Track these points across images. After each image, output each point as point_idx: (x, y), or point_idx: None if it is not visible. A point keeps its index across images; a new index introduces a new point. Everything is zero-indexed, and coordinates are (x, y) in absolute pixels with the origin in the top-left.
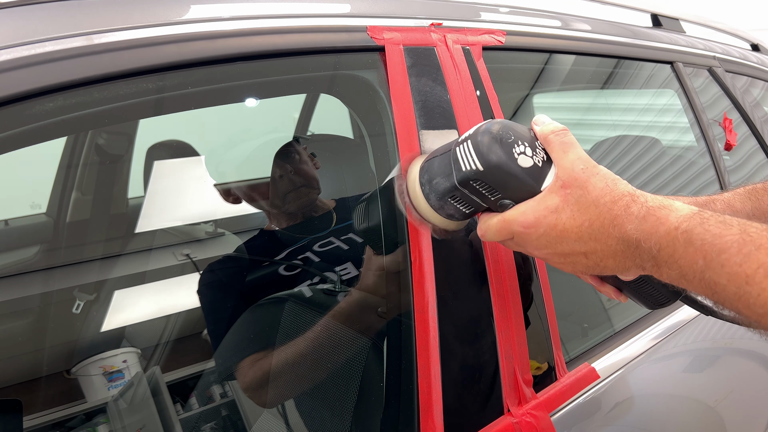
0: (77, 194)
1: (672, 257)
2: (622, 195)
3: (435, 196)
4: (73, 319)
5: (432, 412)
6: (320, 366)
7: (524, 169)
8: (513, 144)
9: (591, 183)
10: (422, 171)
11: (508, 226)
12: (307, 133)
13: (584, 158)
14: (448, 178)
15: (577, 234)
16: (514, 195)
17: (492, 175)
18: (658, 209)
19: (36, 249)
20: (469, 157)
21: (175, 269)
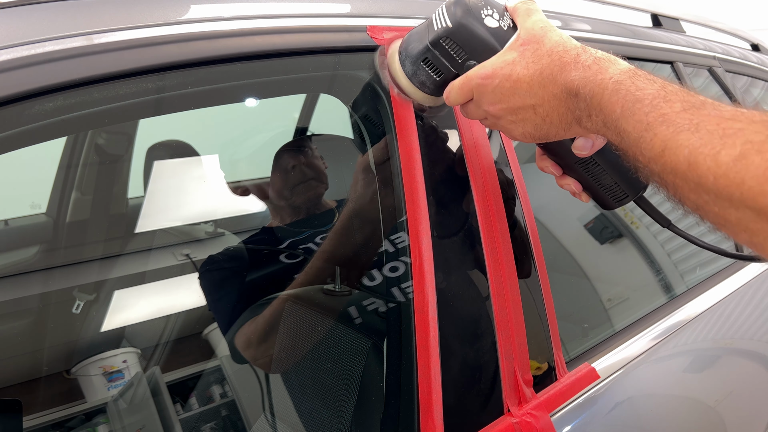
0: (77, 194)
1: (599, 105)
2: (574, 46)
3: (409, 61)
4: (72, 319)
5: (432, 412)
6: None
7: (489, 29)
8: (482, 7)
9: (547, 37)
10: (402, 42)
11: (468, 81)
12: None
13: (544, 20)
14: (421, 41)
15: (529, 83)
16: (479, 55)
17: (459, 32)
18: (603, 60)
19: (36, 249)
20: (441, 18)
21: (175, 269)
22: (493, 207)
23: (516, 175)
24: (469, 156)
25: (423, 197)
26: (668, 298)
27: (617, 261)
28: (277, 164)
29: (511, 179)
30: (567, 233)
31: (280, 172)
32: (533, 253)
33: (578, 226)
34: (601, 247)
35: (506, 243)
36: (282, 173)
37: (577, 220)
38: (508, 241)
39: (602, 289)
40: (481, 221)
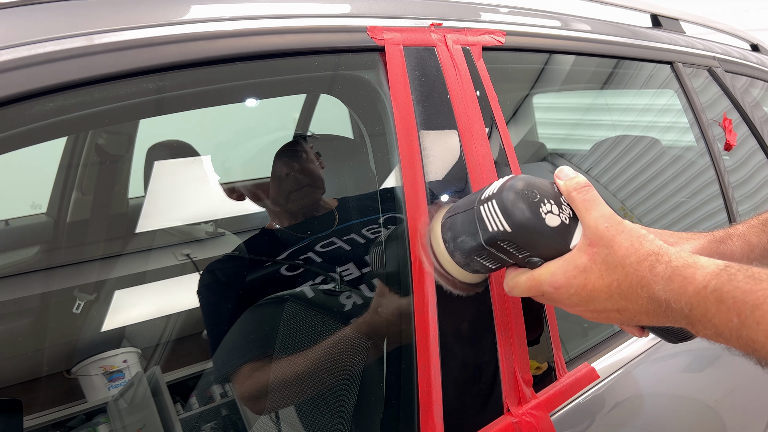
0: (77, 194)
1: (705, 316)
2: (647, 255)
3: (460, 254)
4: (73, 319)
5: (432, 412)
6: (319, 380)
7: (552, 229)
8: (539, 203)
9: (616, 242)
10: (444, 228)
11: (538, 285)
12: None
13: (607, 215)
14: (473, 237)
15: (607, 293)
16: (542, 253)
17: (520, 236)
18: (683, 268)
19: (36, 249)
20: (496, 218)
21: (175, 269)
22: None
23: None
24: (469, 156)
25: (423, 198)
26: None
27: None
28: (271, 171)
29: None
30: None
31: (274, 179)
32: None
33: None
34: None
35: None
36: (276, 181)
37: None
38: None
39: None
40: None
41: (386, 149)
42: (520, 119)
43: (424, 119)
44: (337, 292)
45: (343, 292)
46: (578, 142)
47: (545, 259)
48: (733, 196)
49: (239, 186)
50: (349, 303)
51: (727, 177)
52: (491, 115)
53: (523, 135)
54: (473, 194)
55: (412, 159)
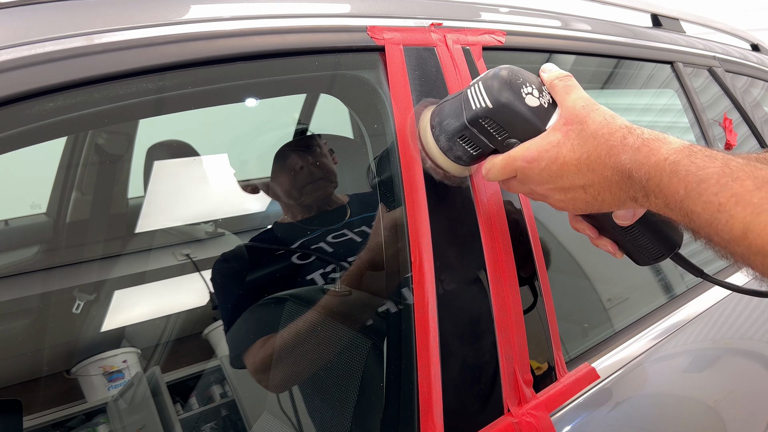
0: (77, 194)
1: (658, 187)
2: (619, 127)
3: (445, 136)
4: (73, 319)
5: (432, 412)
6: (325, 345)
7: (531, 108)
8: (521, 85)
9: (590, 117)
10: (434, 115)
11: (511, 162)
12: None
13: (585, 97)
14: (458, 118)
15: (576, 166)
16: (520, 134)
17: (500, 112)
18: (652, 141)
19: (36, 249)
20: (480, 96)
21: (175, 269)
22: (493, 207)
23: None
24: None
25: (423, 198)
26: (668, 298)
27: (617, 261)
28: (285, 164)
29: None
30: (567, 233)
31: (288, 172)
32: (533, 253)
33: None
34: None
35: (506, 243)
36: (290, 174)
37: None
38: (508, 240)
39: (602, 289)
40: (481, 221)
41: (386, 149)
42: None
43: None
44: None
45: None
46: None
47: (522, 141)
48: None
49: (250, 183)
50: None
51: None
52: None
53: None
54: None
55: (412, 159)
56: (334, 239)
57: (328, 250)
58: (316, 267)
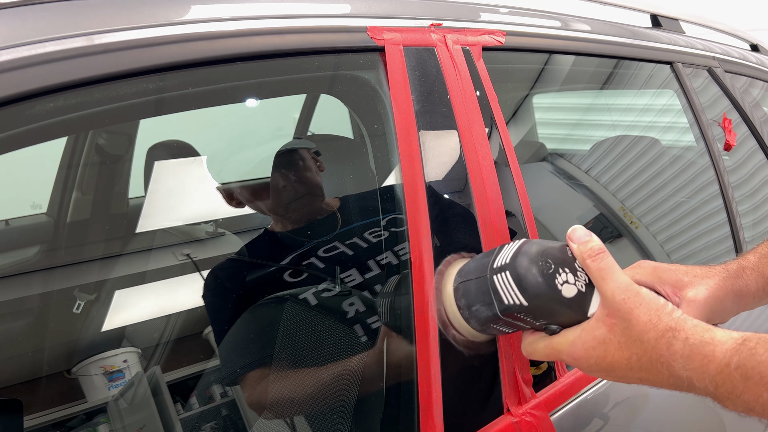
0: (78, 194)
1: (733, 393)
2: (664, 331)
3: (476, 321)
4: (73, 319)
5: (432, 412)
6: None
7: (569, 299)
8: (554, 274)
9: (634, 315)
10: (458, 294)
11: (556, 354)
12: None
13: (623, 286)
14: (489, 308)
15: (627, 365)
16: (560, 321)
17: (536, 308)
18: (701, 346)
19: (36, 249)
20: (511, 291)
21: (175, 269)
22: (493, 206)
23: (516, 175)
24: (469, 156)
25: (423, 198)
26: None
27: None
28: (270, 181)
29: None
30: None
31: (273, 190)
32: None
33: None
34: None
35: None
36: (275, 192)
37: (577, 220)
38: (508, 240)
39: None
40: (481, 221)
41: (386, 149)
42: (520, 119)
43: (424, 119)
44: (341, 295)
45: (346, 297)
46: (578, 142)
47: (563, 326)
48: (732, 196)
49: (238, 192)
50: (352, 310)
51: (727, 177)
52: (491, 115)
53: (523, 135)
54: (484, 256)
55: (412, 159)
56: (326, 253)
57: (320, 266)
58: (308, 284)
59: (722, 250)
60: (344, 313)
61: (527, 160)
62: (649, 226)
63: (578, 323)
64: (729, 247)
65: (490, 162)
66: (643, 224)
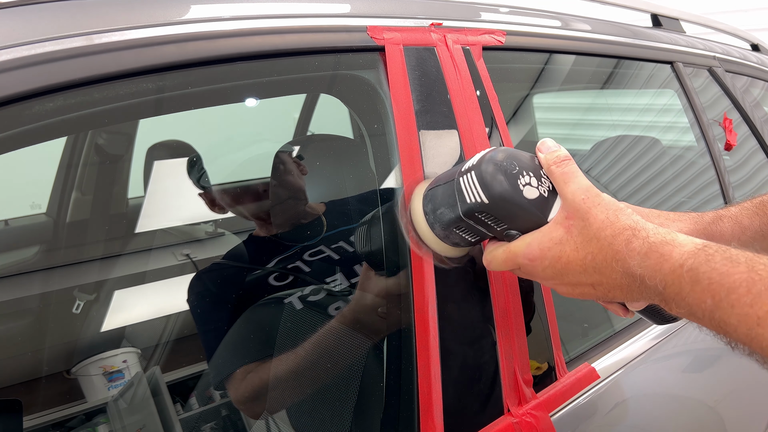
0: (77, 194)
1: (679, 295)
2: (622, 229)
3: (440, 225)
4: (73, 319)
5: (432, 412)
6: (316, 374)
7: (530, 201)
8: (518, 175)
9: (592, 214)
10: (426, 199)
11: (513, 257)
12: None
13: (584, 187)
14: (452, 209)
15: (581, 266)
16: (520, 226)
17: (497, 207)
18: (660, 245)
19: (36, 249)
20: (474, 189)
21: (175, 269)
22: None
23: None
24: (469, 156)
25: None
26: None
27: None
28: (247, 189)
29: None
30: None
31: (251, 196)
32: None
33: None
34: None
35: None
36: (255, 198)
37: None
38: None
39: None
40: None
41: (386, 149)
42: (520, 119)
43: (424, 119)
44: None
45: (331, 302)
46: (578, 142)
47: (523, 232)
48: (733, 196)
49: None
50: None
51: (728, 177)
52: (491, 115)
53: (523, 135)
54: (455, 167)
55: (412, 159)
56: (311, 257)
57: (306, 270)
58: (294, 288)
59: None
60: (331, 316)
61: None
62: None
63: (538, 228)
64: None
65: None
66: None
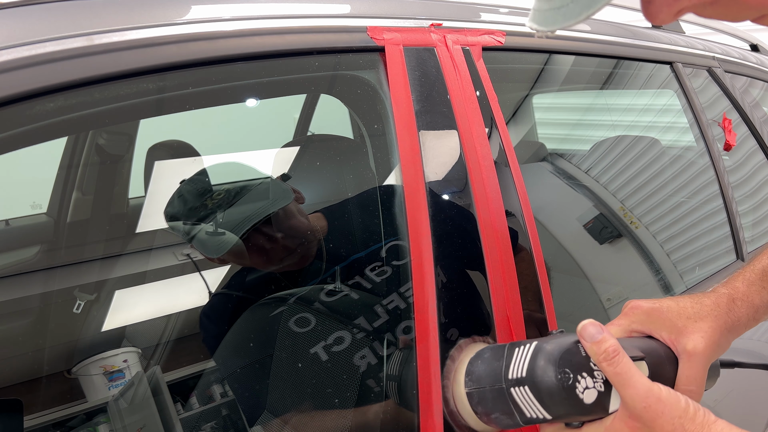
0: (78, 194)
1: None
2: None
3: (497, 425)
4: (73, 318)
5: (432, 412)
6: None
7: (591, 405)
8: (574, 384)
9: (658, 424)
10: (472, 399)
11: None
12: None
13: (643, 393)
14: (510, 417)
15: None
16: (583, 422)
17: (560, 417)
18: None
19: (36, 249)
20: (532, 405)
21: (176, 269)
22: (493, 206)
23: (516, 175)
24: (469, 156)
25: (423, 197)
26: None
27: (616, 261)
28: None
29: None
30: (566, 233)
31: (259, 252)
32: (533, 253)
33: (578, 226)
34: (601, 247)
35: (506, 243)
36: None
37: (577, 220)
38: (508, 240)
39: (602, 288)
40: (481, 221)
41: (386, 149)
42: (520, 119)
43: (424, 119)
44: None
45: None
46: (578, 142)
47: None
48: (732, 196)
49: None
50: (363, 363)
51: (727, 177)
52: (491, 115)
53: (523, 135)
54: (495, 358)
55: (412, 159)
56: (329, 297)
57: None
58: (317, 338)
59: (722, 250)
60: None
61: (527, 160)
62: (649, 226)
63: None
64: (729, 247)
65: (490, 162)
66: (643, 224)
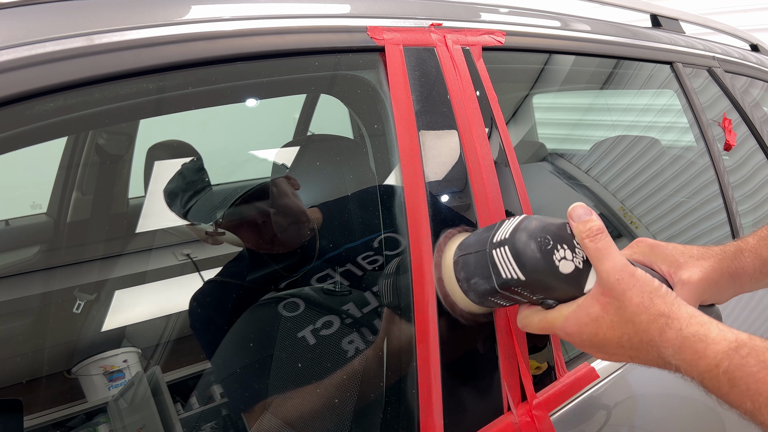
0: (78, 194)
1: (718, 392)
2: (657, 315)
3: (474, 294)
4: (73, 319)
5: (432, 412)
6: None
7: (566, 275)
8: (552, 250)
9: (627, 296)
10: (457, 266)
11: (550, 327)
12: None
13: (619, 267)
14: (487, 281)
15: (618, 343)
16: (557, 296)
17: (533, 282)
18: (693, 341)
19: (36, 249)
20: (509, 265)
21: (176, 269)
22: (493, 206)
23: (516, 175)
24: (469, 156)
25: (423, 197)
26: None
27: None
28: (243, 221)
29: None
30: None
31: (251, 228)
32: None
33: None
34: None
35: None
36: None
37: None
38: None
39: None
40: (481, 221)
41: (386, 149)
42: (520, 119)
43: (424, 119)
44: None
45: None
46: (578, 142)
47: (559, 301)
48: (732, 196)
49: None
50: (351, 348)
51: (727, 177)
52: (491, 115)
53: (523, 135)
54: (484, 231)
55: (412, 159)
56: (320, 282)
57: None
58: (306, 321)
59: None
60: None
61: (527, 160)
62: (649, 226)
63: (574, 299)
64: None
65: (490, 162)
66: (643, 224)
